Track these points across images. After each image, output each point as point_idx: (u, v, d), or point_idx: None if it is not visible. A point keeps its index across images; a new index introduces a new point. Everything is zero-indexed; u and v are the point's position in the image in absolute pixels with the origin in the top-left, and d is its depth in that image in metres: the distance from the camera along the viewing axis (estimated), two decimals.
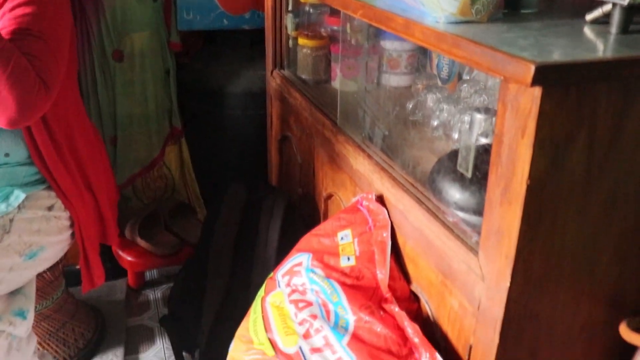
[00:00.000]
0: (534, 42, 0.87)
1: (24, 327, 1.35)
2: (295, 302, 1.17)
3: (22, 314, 1.35)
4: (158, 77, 2.22)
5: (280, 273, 1.26)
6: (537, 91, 0.79)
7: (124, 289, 2.18)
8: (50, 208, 1.38)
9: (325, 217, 1.35)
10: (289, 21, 1.91)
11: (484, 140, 1.10)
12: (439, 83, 1.59)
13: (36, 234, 1.34)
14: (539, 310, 0.95)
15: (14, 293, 1.37)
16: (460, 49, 0.89)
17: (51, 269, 1.69)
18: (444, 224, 1.08)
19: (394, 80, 1.71)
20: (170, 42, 2.21)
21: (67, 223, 1.44)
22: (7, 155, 1.32)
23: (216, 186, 2.10)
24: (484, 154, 1.05)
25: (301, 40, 1.86)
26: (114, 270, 2.17)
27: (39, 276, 1.62)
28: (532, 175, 0.84)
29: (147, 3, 2.11)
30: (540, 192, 0.85)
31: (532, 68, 0.76)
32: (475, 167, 1.07)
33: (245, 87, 2.19)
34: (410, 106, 1.55)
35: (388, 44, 1.67)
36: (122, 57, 2.11)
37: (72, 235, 1.47)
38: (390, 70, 1.70)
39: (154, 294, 2.18)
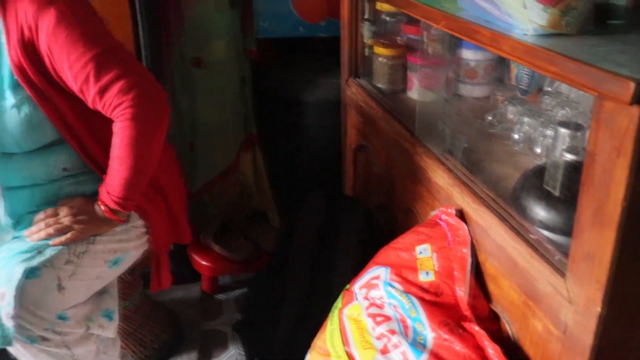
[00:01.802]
0: (631, 57, 0.83)
1: (112, 328, 1.40)
2: (373, 316, 1.16)
3: (109, 315, 1.40)
4: (235, 84, 2.25)
5: (357, 285, 1.26)
6: (636, 110, 0.75)
7: (199, 293, 2.23)
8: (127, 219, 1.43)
9: (403, 229, 1.34)
10: (365, 29, 1.91)
11: (569, 157, 1.06)
12: (519, 94, 1.55)
13: (118, 243, 1.39)
14: (636, 340, 0.90)
15: (100, 293, 1.42)
16: (554, 65, 0.86)
17: (130, 271, 1.74)
18: (529, 242, 1.05)
19: (472, 90, 1.68)
20: (247, 50, 2.25)
21: (144, 229, 1.48)
22: (65, 169, 1.38)
23: (290, 194, 2.12)
24: (573, 171, 1.01)
25: (377, 49, 1.85)
26: (189, 274, 2.22)
27: (119, 278, 1.68)
28: (628, 197, 0.80)
29: (225, 11, 2.15)
30: (637, 214, 0.81)
31: (632, 86, 0.72)
32: (564, 185, 1.03)
33: (321, 96, 2.20)
34: (490, 118, 1.51)
35: (466, 54, 1.64)
36: (200, 64, 2.16)
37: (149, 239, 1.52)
38: (468, 81, 1.67)
39: (228, 300, 2.22)
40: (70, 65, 1.22)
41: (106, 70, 1.23)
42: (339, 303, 1.28)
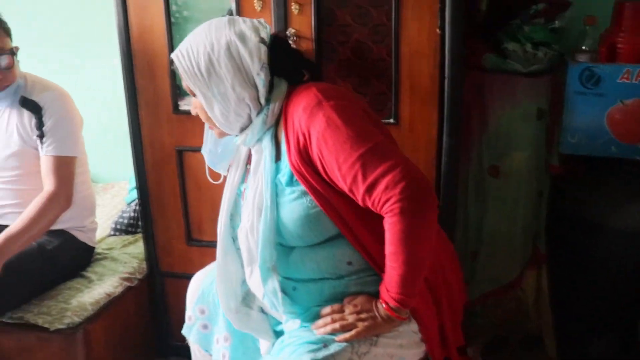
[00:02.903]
0: None
1: None
2: None
3: None
4: (530, 198, 2.15)
5: None
6: None
7: None
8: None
9: None
10: None
11: None
12: None
13: (399, 348, 1.38)
14: None
15: None
16: None
17: None
18: None
19: None
20: (548, 164, 2.14)
21: (420, 336, 1.44)
22: (349, 263, 1.39)
23: (572, 324, 1.91)
24: None
25: None
26: None
27: None
28: None
29: (531, 122, 2.08)
30: None
31: None
32: None
33: (629, 224, 1.96)
34: None
35: None
36: (498, 173, 2.12)
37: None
38: None
39: None
40: (339, 167, 1.26)
41: (372, 168, 1.24)
42: None
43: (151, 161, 2.17)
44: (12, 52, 1.96)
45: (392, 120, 1.87)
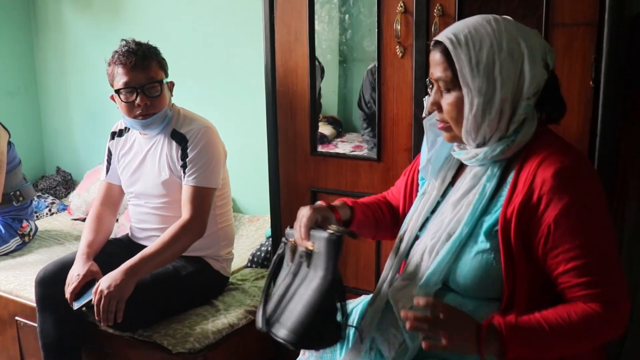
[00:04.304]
0: None
1: None
2: None
3: None
4: None
5: None
6: None
7: None
8: None
9: None
10: None
11: None
12: None
13: None
14: None
15: None
16: None
17: None
18: None
19: None
20: None
21: None
22: None
23: None
24: None
25: None
26: None
27: None
28: None
29: None
30: None
31: None
32: None
33: None
34: None
35: None
36: None
37: None
38: None
39: None
40: (558, 250, 1.19)
41: (599, 271, 1.17)
42: None
43: (286, 199, 2.21)
44: (161, 82, 2.11)
45: None
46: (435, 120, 1.38)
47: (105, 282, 1.92)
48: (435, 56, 1.29)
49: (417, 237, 1.41)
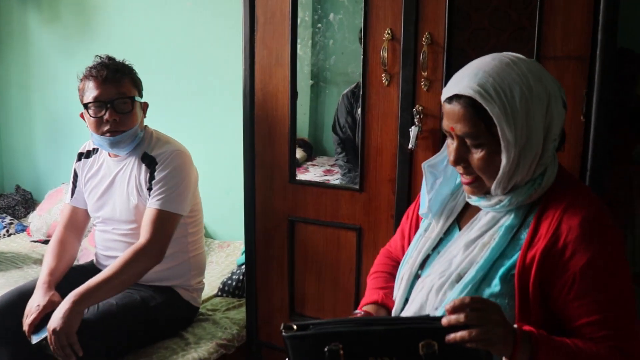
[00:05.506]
0: None
1: None
2: None
3: None
4: None
5: None
6: None
7: None
8: None
9: None
10: None
11: None
12: None
13: None
14: None
15: None
16: None
17: None
18: None
19: None
20: None
21: None
22: None
23: None
24: None
25: None
26: None
27: None
28: None
29: None
30: None
31: None
32: None
33: None
34: None
35: None
36: None
37: None
38: None
39: None
40: (582, 302, 1.14)
41: (611, 326, 1.13)
42: None
43: (261, 227, 2.12)
44: (132, 99, 2.01)
45: None
46: (433, 162, 1.34)
47: (54, 317, 1.79)
48: (458, 110, 1.19)
49: (417, 276, 1.34)
